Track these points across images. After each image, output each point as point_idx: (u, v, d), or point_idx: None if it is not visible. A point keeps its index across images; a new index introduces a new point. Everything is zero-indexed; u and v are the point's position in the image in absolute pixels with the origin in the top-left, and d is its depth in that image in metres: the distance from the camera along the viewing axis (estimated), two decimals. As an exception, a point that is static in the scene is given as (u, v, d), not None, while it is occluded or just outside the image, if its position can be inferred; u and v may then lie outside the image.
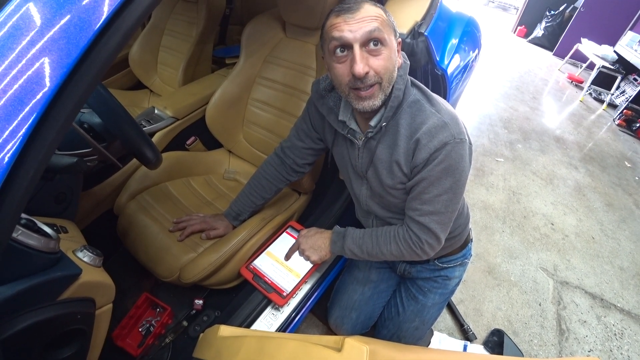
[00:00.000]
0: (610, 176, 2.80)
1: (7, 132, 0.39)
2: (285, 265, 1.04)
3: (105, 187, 1.22)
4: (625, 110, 3.76)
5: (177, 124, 1.42)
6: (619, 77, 4.08)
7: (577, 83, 4.62)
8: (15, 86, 0.40)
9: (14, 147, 0.39)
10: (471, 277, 1.71)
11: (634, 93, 3.78)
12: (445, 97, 1.26)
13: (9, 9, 0.40)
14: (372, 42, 0.70)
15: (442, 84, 1.24)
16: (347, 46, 0.71)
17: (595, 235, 2.17)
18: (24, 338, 0.48)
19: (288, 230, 1.14)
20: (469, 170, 0.85)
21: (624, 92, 4.14)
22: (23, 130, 0.39)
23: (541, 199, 2.35)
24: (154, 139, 1.37)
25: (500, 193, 2.32)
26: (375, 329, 1.23)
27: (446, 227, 0.86)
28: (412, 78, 0.85)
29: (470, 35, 1.55)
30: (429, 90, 0.84)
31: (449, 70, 1.25)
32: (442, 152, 0.76)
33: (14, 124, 0.39)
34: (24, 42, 0.40)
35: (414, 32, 1.13)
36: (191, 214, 1.14)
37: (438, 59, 1.21)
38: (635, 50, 3.99)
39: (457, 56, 1.35)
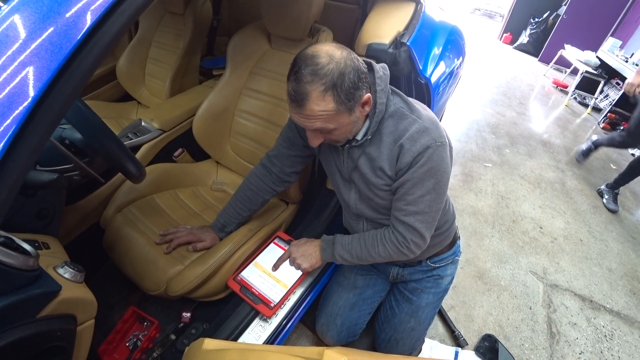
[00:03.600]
0: (596, 178, 2.85)
1: None
2: (272, 276, 1.03)
3: (91, 201, 1.21)
4: (609, 114, 3.85)
5: (164, 136, 1.42)
6: (602, 82, 4.19)
7: (562, 88, 4.72)
8: None
9: None
10: (461, 282, 1.72)
11: (617, 97, 3.88)
12: (429, 105, 1.29)
13: None
14: (320, 131, 0.79)
15: (426, 92, 1.26)
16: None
17: (583, 237, 2.20)
18: (3, 356, 0.47)
19: (275, 240, 1.14)
20: (450, 171, 0.89)
21: (607, 96, 4.24)
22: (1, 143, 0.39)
23: (529, 203, 2.38)
24: (141, 152, 1.36)
25: (489, 198, 2.35)
26: (373, 334, 1.24)
27: (430, 226, 0.90)
28: (392, 87, 0.88)
29: (454, 43, 1.58)
30: (409, 98, 0.87)
31: (433, 79, 1.28)
32: (425, 155, 0.80)
33: None
34: (8, 53, 0.40)
35: (397, 42, 1.15)
36: (178, 226, 1.13)
37: (421, 67, 1.23)
38: (617, 56, 4.10)
39: (440, 64, 1.38)
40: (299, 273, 1.04)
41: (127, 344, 1.01)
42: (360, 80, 0.74)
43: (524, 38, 5.96)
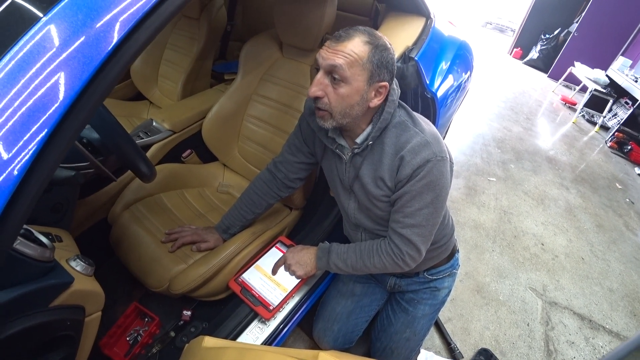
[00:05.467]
0: (601, 197, 2.84)
1: (19, 144, 0.41)
2: (273, 279, 1.05)
3: (100, 197, 1.25)
4: (617, 133, 3.84)
5: (174, 136, 1.46)
6: (611, 101, 4.18)
7: (571, 105, 4.72)
8: (31, 101, 0.42)
9: (25, 160, 0.42)
10: (460, 295, 1.72)
11: (626, 116, 3.87)
12: (434, 118, 1.31)
13: (33, 29, 0.44)
14: (333, 74, 0.76)
15: (431, 106, 1.28)
16: (319, 68, 0.78)
17: (585, 256, 2.20)
18: (15, 342, 0.50)
19: (277, 245, 1.16)
20: (450, 187, 0.90)
21: (615, 114, 4.23)
22: (34, 143, 0.42)
23: (532, 219, 2.38)
24: (151, 151, 1.40)
25: (492, 212, 2.35)
26: (369, 342, 1.25)
27: (427, 239, 0.91)
28: (399, 100, 0.90)
29: (462, 58, 1.61)
30: (413, 112, 0.90)
31: (439, 93, 1.30)
32: (425, 168, 0.81)
33: (26, 137, 0.42)
34: (43, 60, 0.43)
35: (405, 57, 1.18)
36: (183, 225, 1.16)
37: (428, 82, 1.26)
38: (627, 75, 4.10)
39: (447, 79, 1.40)
40: (298, 279, 1.06)
41: (127, 339, 1.03)
42: (390, 67, 0.79)
43: (534, 53, 5.97)
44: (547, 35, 5.81)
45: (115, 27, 0.44)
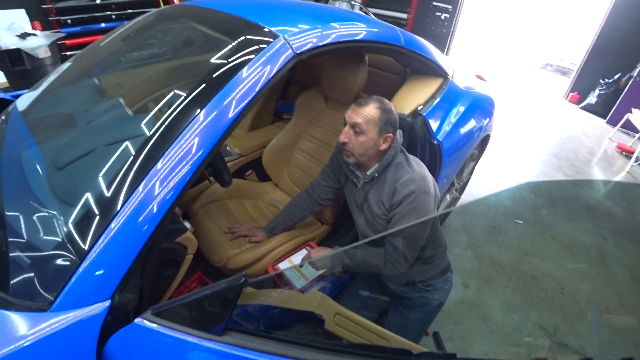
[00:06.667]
0: (643, 253, 2.76)
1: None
2: (299, 270, 1.43)
3: (185, 196, 1.75)
4: (676, 189, 3.62)
5: (241, 159, 1.96)
6: (674, 153, 3.96)
7: (628, 153, 4.52)
8: (184, 151, 0.85)
9: (181, 180, 0.86)
10: (464, 320, 1.89)
11: (688, 172, 3.65)
12: (440, 161, 1.63)
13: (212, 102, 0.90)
14: (355, 128, 1.16)
15: (438, 153, 1.61)
16: (346, 123, 1.20)
17: (611, 306, 2.17)
18: (162, 252, 0.88)
19: (307, 247, 1.54)
20: (433, 214, 1.22)
21: (679, 169, 3.98)
22: (184, 173, 0.85)
23: (555, 263, 2.44)
24: (224, 168, 1.91)
25: (512, 252, 2.47)
26: None
27: (412, 251, 1.22)
28: (403, 147, 1.28)
29: (475, 109, 1.91)
30: (410, 156, 1.27)
31: (445, 141, 1.63)
32: (411, 197, 1.17)
33: (180, 169, 0.87)
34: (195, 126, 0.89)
35: (415, 112, 1.55)
36: (241, 223, 1.61)
37: (435, 132, 1.59)
38: (692, 129, 3.89)
39: (455, 129, 1.72)
40: (318, 273, 1.42)
41: (188, 297, 1.46)
42: (393, 124, 1.19)
43: (591, 98, 5.80)
44: (607, 80, 5.65)
45: (232, 104, 0.90)
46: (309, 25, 1.14)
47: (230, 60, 1.00)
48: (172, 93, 1.01)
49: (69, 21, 4.05)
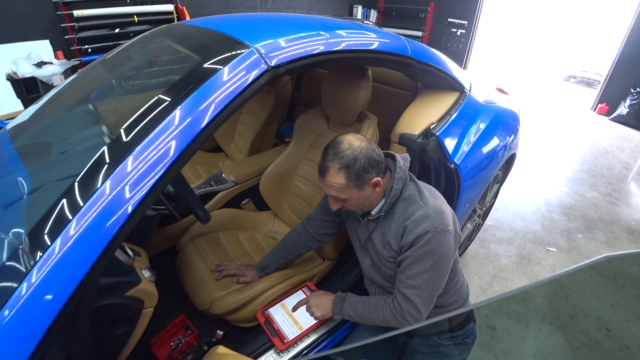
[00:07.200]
0: (702, 286, 2.38)
1: (138, 187, 0.71)
2: (293, 317, 1.23)
3: (174, 228, 1.61)
4: None
5: (237, 187, 1.81)
6: None
7: (671, 171, 4.10)
8: (152, 159, 0.72)
9: (137, 200, 0.70)
10: (494, 370, 1.63)
11: None
12: (458, 187, 1.41)
13: (170, 115, 0.77)
14: (335, 198, 0.99)
15: (455, 176, 1.40)
16: None
17: (670, 354, 1.86)
18: (101, 311, 0.77)
19: (303, 289, 1.34)
20: (453, 256, 1.00)
21: None
22: (146, 187, 0.71)
23: (598, 299, 2.13)
24: (217, 198, 1.76)
25: (546, 286, 2.17)
26: None
27: (427, 301, 1.00)
28: (411, 174, 1.07)
29: (498, 125, 1.70)
30: (422, 185, 1.06)
31: (463, 164, 1.41)
32: (425, 237, 0.95)
33: (144, 183, 0.71)
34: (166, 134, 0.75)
35: (427, 132, 1.35)
36: (231, 260, 1.43)
37: (451, 153, 1.39)
38: None
39: (476, 149, 1.50)
40: (314, 320, 1.21)
41: (171, 343, 1.29)
42: (370, 166, 0.95)
43: (622, 109, 5.40)
44: (638, 89, 5.26)
45: (210, 109, 0.77)
46: (291, 35, 1.00)
47: (191, 76, 0.89)
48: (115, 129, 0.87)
49: (89, 50, 4.21)
